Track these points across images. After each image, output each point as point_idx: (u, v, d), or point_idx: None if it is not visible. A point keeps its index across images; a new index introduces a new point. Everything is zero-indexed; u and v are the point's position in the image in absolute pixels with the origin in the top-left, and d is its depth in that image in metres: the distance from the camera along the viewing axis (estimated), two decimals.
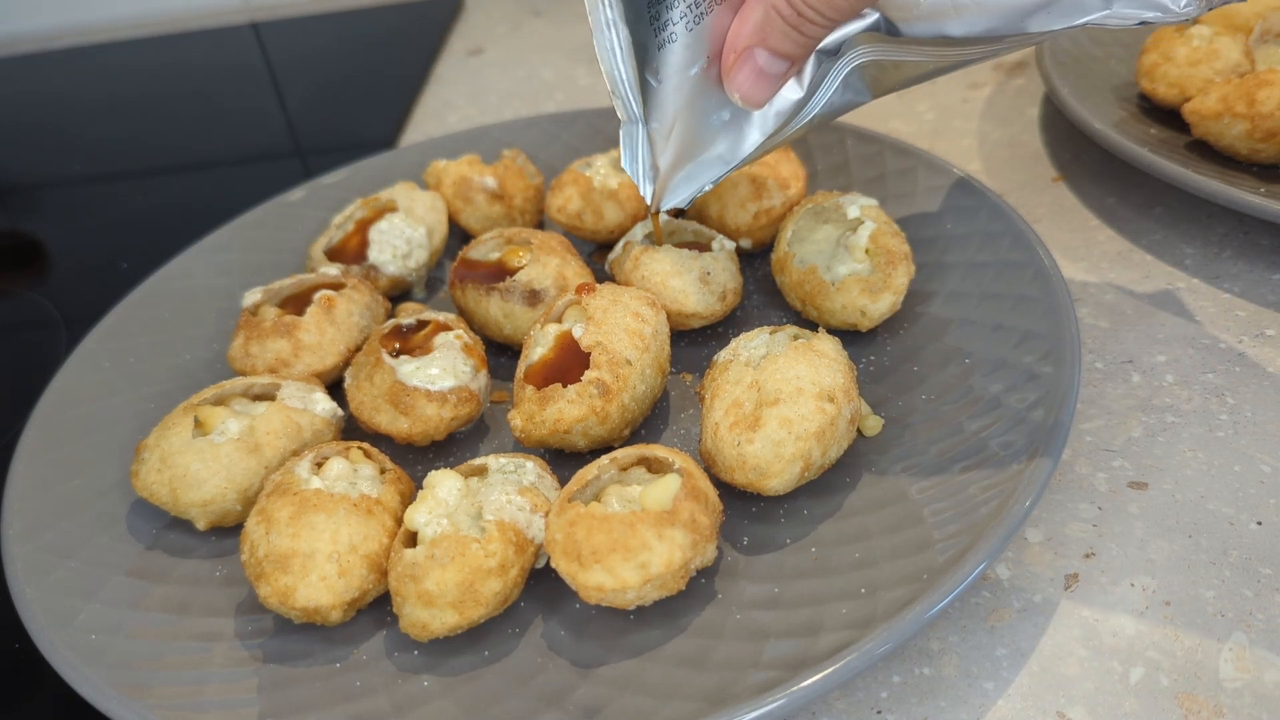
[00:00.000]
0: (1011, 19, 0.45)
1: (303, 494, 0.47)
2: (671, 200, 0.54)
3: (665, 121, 0.51)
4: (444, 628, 0.44)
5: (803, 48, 0.47)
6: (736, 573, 0.47)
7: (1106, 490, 0.51)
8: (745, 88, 0.48)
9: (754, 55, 0.47)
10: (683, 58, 0.48)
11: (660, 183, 0.53)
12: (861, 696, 0.44)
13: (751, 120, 0.51)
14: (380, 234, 0.67)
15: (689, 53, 0.48)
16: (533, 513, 0.47)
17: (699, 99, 0.50)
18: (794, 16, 0.45)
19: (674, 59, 0.49)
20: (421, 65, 1.13)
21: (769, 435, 0.46)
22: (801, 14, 0.45)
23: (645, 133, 0.51)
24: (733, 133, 0.52)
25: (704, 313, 0.59)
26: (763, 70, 0.47)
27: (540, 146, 0.81)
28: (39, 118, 1.19)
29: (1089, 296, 0.63)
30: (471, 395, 0.55)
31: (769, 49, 0.47)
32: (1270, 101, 0.61)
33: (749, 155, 0.52)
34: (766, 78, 0.48)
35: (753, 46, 0.47)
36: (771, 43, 0.46)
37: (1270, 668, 0.42)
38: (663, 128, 0.51)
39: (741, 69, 0.48)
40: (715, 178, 0.54)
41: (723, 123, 0.51)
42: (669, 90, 0.50)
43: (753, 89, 0.48)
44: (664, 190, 0.54)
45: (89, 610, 0.48)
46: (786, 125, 0.51)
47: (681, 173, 0.53)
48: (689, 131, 0.51)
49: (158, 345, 0.66)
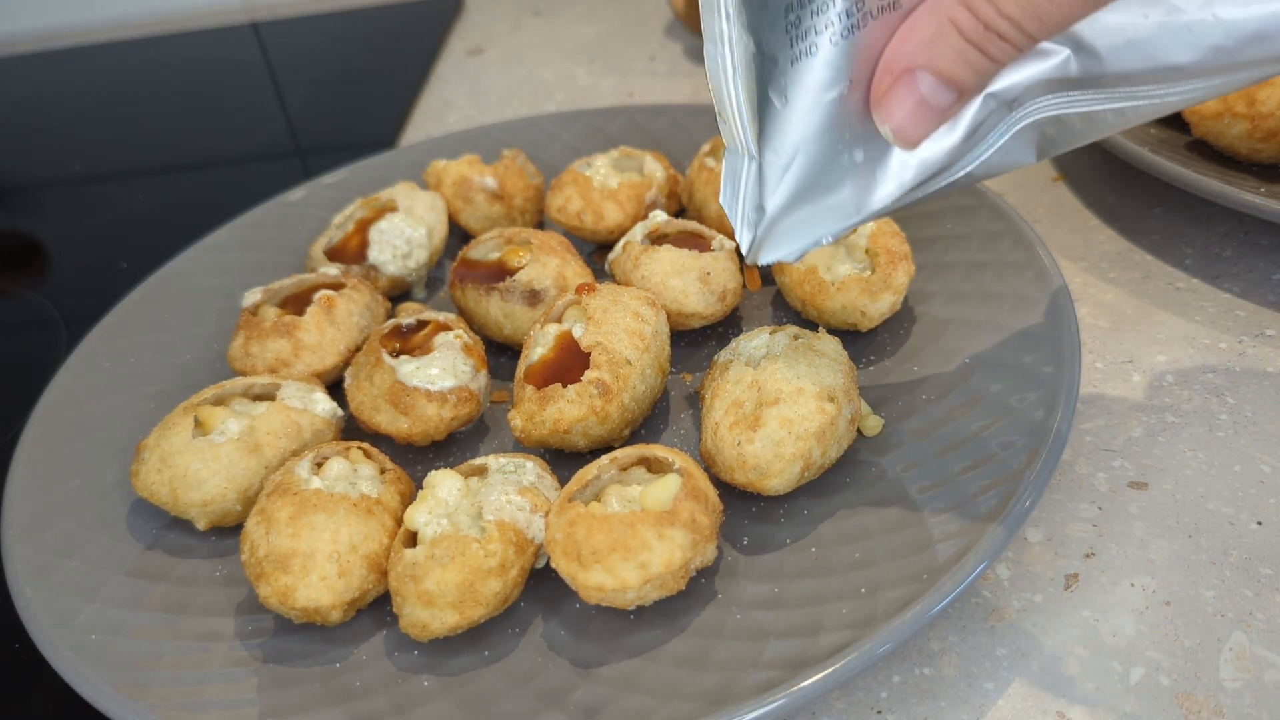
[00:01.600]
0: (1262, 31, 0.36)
1: (303, 494, 0.47)
2: (774, 253, 0.43)
3: (784, 153, 0.41)
4: (444, 628, 0.44)
5: (980, 75, 0.37)
6: (736, 573, 0.47)
7: (1106, 490, 0.51)
8: (899, 118, 0.38)
9: (916, 79, 0.37)
10: (822, 76, 0.39)
11: (764, 228, 0.43)
12: (861, 696, 0.44)
13: (889, 166, 0.42)
14: (380, 234, 0.67)
15: (831, 71, 0.39)
16: (533, 513, 0.47)
17: (831, 130, 0.40)
18: (978, 31, 0.35)
19: (810, 77, 0.39)
20: (421, 65, 1.13)
21: (769, 435, 0.46)
22: (991, 26, 0.35)
23: (756, 167, 0.42)
24: (864, 178, 0.42)
25: (704, 313, 0.59)
26: (925, 99, 0.38)
27: (540, 146, 0.81)
28: (39, 118, 1.19)
29: (1089, 296, 0.63)
30: (471, 395, 0.55)
31: (937, 72, 0.37)
32: (1270, 101, 0.61)
33: (879, 210, 0.42)
34: (928, 109, 0.38)
35: (916, 68, 0.37)
36: (941, 64, 0.37)
37: (1270, 668, 0.42)
38: (779, 160, 0.41)
39: (898, 94, 0.38)
40: (835, 231, 0.43)
41: (854, 164, 0.41)
42: (797, 114, 0.40)
43: (909, 121, 0.38)
44: (767, 239, 0.43)
45: (89, 610, 0.48)
46: (931, 180, 0.42)
47: (792, 218, 0.43)
48: (811, 168, 0.41)
49: (158, 345, 0.66)
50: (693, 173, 0.68)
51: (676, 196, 0.71)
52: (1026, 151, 0.42)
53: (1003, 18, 0.35)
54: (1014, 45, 0.36)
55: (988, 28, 0.35)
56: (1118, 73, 0.38)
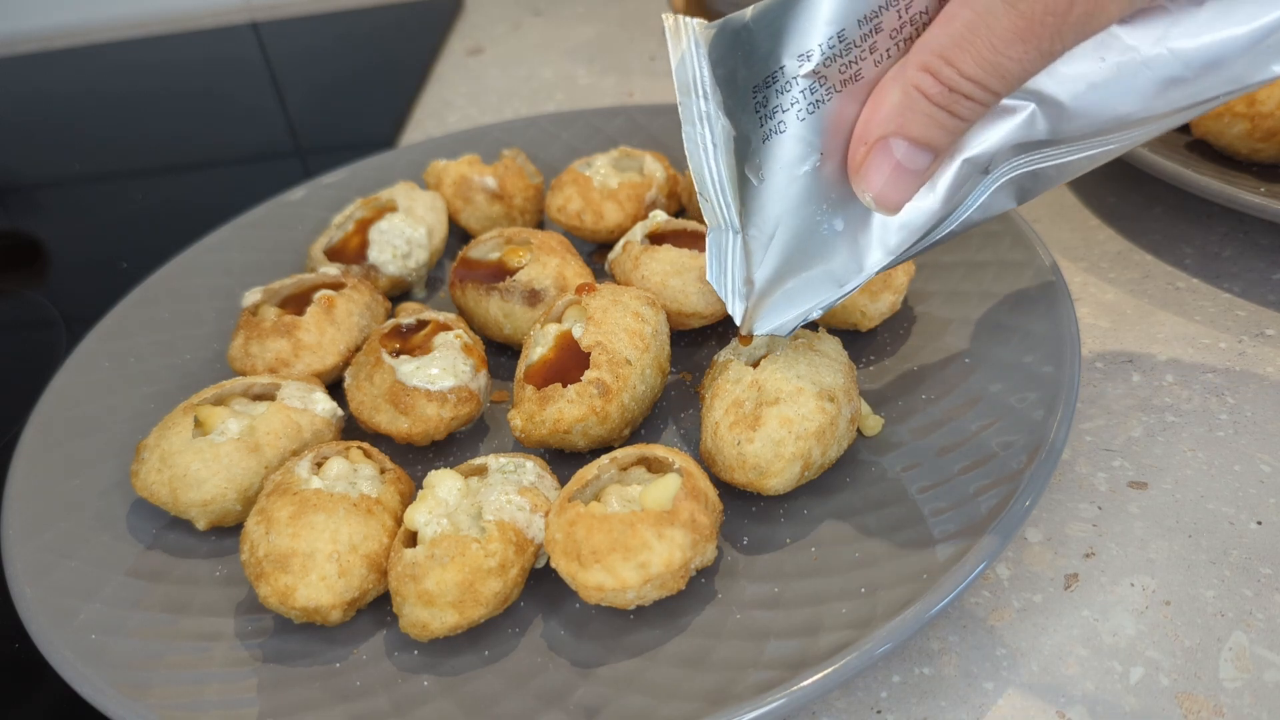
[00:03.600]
0: (1216, 58, 0.37)
1: (303, 494, 0.47)
2: (767, 324, 0.45)
3: (765, 228, 0.43)
4: (444, 628, 0.44)
5: (951, 134, 0.38)
6: (736, 573, 0.47)
7: (1106, 490, 0.51)
8: (879, 186, 0.39)
9: (890, 147, 0.38)
10: (793, 152, 0.41)
11: (754, 301, 0.45)
12: (861, 696, 0.44)
13: (871, 233, 0.43)
14: (380, 234, 0.67)
15: (801, 146, 0.40)
16: (533, 513, 0.46)
17: (809, 202, 0.42)
18: (943, 95, 0.36)
19: (782, 153, 0.41)
20: (421, 65, 1.13)
21: (769, 434, 0.46)
22: (955, 89, 0.36)
23: (740, 242, 0.43)
24: (849, 247, 0.43)
25: (704, 312, 0.59)
26: (901, 165, 0.38)
27: (540, 146, 0.81)
28: (39, 118, 1.19)
29: (1089, 296, 0.63)
30: (471, 395, 0.55)
31: (909, 138, 0.38)
32: (1270, 101, 0.61)
33: (867, 275, 0.44)
34: (905, 174, 0.39)
35: (890, 136, 0.38)
36: (913, 130, 0.38)
37: (1270, 668, 0.42)
38: (761, 235, 0.43)
39: (874, 163, 0.39)
40: (825, 302, 0.44)
41: (835, 233, 0.43)
42: (773, 190, 0.42)
43: (888, 187, 0.39)
44: (759, 311, 0.45)
45: (89, 610, 0.48)
46: (916, 244, 0.43)
47: (781, 290, 0.44)
48: (794, 241, 0.43)
49: (158, 345, 0.66)
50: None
51: (676, 196, 0.71)
52: (1006, 201, 0.42)
53: (965, 79, 0.36)
54: (979, 103, 0.37)
55: (952, 90, 0.36)
56: (1084, 120, 0.39)
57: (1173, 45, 0.37)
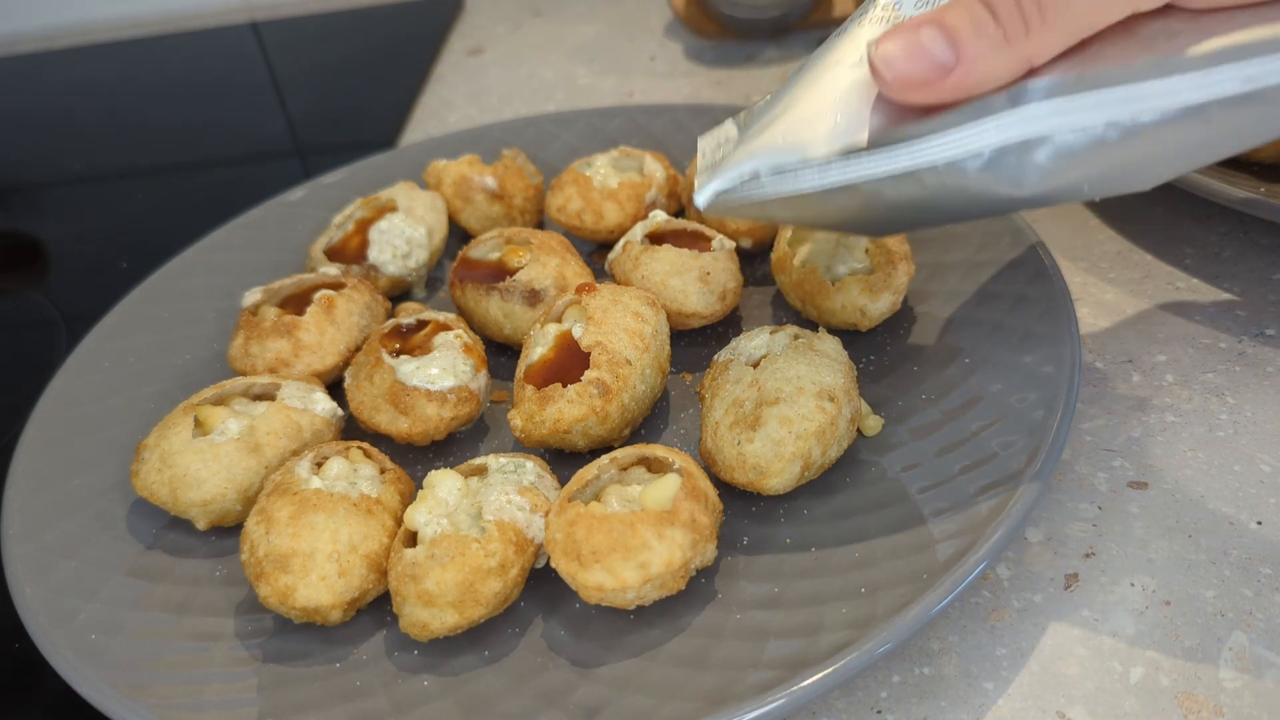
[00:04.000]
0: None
1: (303, 494, 0.47)
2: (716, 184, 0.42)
3: (777, 103, 0.42)
4: (444, 628, 0.44)
5: (983, 42, 0.35)
6: (736, 573, 0.47)
7: (1106, 490, 0.51)
8: (890, 49, 0.36)
9: (920, 28, 0.36)
10: (843, 50, 0.41)
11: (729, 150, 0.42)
12: (861, 696, 0.44)
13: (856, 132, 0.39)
14: (380, 234, 0.67)
15: (851, 46, 0.40)
16: (533, 513, 0.47)
17: (828, 91, 0.40)
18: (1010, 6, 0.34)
19: (834, 50, 0.41)
20: (421, 65, 1.13)
21: (769, 434, 0.46)
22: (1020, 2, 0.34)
23: (745, 114, 0.43)
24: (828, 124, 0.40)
25: (704, 312, 0.59)
26: (921, 42, 0.36)
27: (540, 146, 0.81)
28: (39, 118, 1.19)
29: (1089, 296, 0.63)
30: (471, 395, 0.55)
31: (940, 24, 0.36)
32: None
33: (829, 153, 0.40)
34: (921, 51, 0.36)
35: (923, 23, 0.36)
36: (948, 18, 0.36)
37: (1270, 668, 0.42)
38: (771, 108, 0.42)
39: (897, 33, 0.37)
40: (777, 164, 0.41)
41: (835, 126, 0.40)
42: (805, 77, 0.41)
43: (898, 51, 0.36)
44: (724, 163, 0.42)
45: (89, 610, 0.48)
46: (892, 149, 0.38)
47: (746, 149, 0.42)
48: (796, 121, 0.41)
49: (158, 345, 0.66)
50: (692, 172, 0.68)
51: (676, 196, 0.71)
52: (1018, 182, 0.38)
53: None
54: (1025, 23, 0.34)
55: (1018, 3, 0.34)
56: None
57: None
